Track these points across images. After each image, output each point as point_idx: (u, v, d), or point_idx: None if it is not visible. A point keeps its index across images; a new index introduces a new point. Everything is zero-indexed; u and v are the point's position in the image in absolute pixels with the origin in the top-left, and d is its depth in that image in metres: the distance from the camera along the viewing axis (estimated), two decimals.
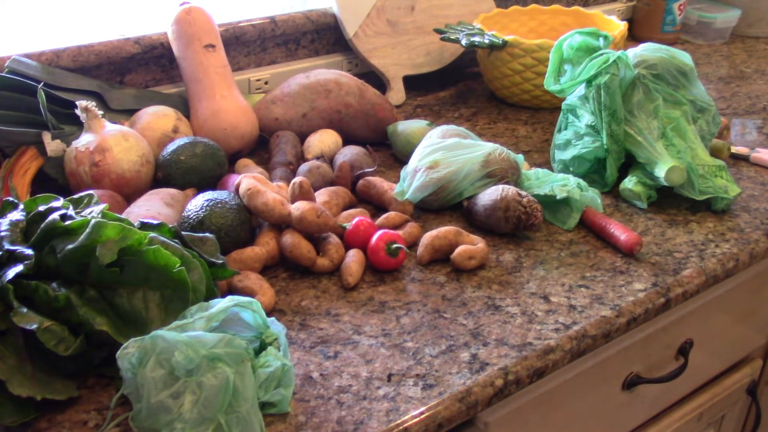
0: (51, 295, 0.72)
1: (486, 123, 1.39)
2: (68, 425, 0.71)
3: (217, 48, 1.19)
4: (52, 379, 0.72)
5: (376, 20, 1.45)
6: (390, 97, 1.44)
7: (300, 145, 1.20)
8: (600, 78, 1.09)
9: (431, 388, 0.76)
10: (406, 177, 1.07)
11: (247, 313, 0.74)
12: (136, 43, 1.23)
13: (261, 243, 0.94)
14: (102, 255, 0.73)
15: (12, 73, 1.09)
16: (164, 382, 0.66)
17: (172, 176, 1.05)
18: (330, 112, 1.24)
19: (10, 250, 0.74)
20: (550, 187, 1.05)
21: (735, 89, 1.59)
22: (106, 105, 1.17)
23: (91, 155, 1.01)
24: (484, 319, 0.87)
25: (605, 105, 1.09)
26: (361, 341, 0.83)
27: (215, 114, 1.17)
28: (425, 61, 1.51)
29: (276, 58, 1.42)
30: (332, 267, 0.94)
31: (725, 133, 1.32)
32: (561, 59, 1.16)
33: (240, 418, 0.67)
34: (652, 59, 1.13)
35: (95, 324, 0.73)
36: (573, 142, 1.15)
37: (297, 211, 0.93)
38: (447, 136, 1.11)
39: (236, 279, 0.88)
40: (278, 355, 0.73)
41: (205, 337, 0.68)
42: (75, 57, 1.18)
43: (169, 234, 0.81)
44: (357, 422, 0.72)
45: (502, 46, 1.38)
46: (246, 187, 0.95)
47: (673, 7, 1.79)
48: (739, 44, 1.88)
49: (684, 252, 1.01)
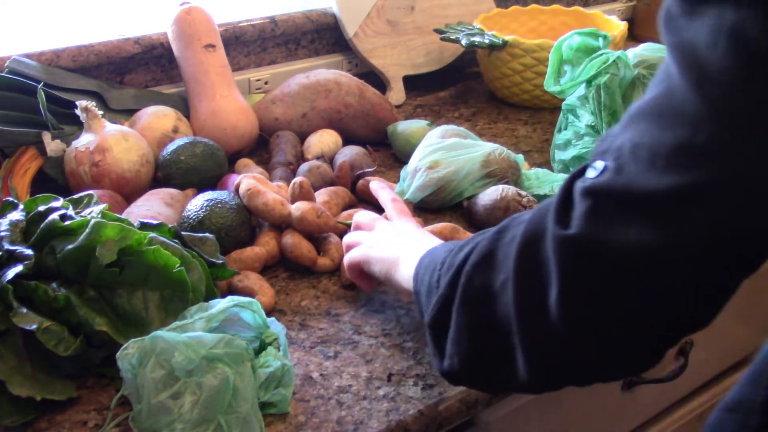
0: (51, 296, 0.72)
1: (486, 123, 1.39)
2: (68, 425, 0.71)
3: (217, 48, 1.19)
4: (51, 379, 0.72)
5: (376, 20, 1.45)
6: (390, 97, 1.43)
7: (300, 145, 1.20)
8: (600, 78, 1.09)
9: (431, 388, 0.76)
10: (406, 177, 1.07)
11: (247, 313, 0.74)
12: (136, 43, 1.23)
13: (261, 243, 0.94)
14: (102, 255, 0.73)
15: (12, 73, 1.09)
16: (164, 383, 0.66)
17: (172, 176, 1.05)
18: (330, 112, 1.24)
19: (10, 250, 0.74)
20: (550, 187, 1.05)
21: None
22: (106, 105, 1.17)
23: (91, 155, 1.01)
24: None
25: (605, 105, 1.09)
26: (361, 341, 0.83)
27: (215, 114, 1.17)
28: (425, 61, 1.51)
29: (276, 58, 1.42)
30: (333, 267, 0.94)
31: None
32: (560, 60, 1.16)
33: (240, 418, 0.67)
34: (652, 59, 1.13)
35: (95, 324, 0.73)
36: (573, 142, 1.15)
37: (297, 211, 0.93)
38: (447, 136, 1.11)
39: (236, 279, 0.88)
40: (278, 355, 0.73)
41: (205, 337, 0.68)
42: (75, 57, 1.18)
43: (169, 234, 0.81)
44: (357, 422, 0.72)
45: (502, 46, 1.38)
46: (246, 187, 0.95)
47: None
48: None
49: None
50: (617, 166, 0.47)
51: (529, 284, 0.51)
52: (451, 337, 0.58)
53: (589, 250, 0.47)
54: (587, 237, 0.47)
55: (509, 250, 0.54)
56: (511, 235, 0.55)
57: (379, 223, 0.87)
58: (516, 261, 0.52)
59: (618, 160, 0.47)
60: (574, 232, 0.48)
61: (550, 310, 0.49)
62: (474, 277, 0.56)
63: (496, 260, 0.55)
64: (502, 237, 0.56)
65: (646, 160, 0.46)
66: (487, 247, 0.56)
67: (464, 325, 0.57)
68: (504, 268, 0.53)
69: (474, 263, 0.57)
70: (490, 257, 0.55)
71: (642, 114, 0.48)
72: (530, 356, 0.52)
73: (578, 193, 0.49)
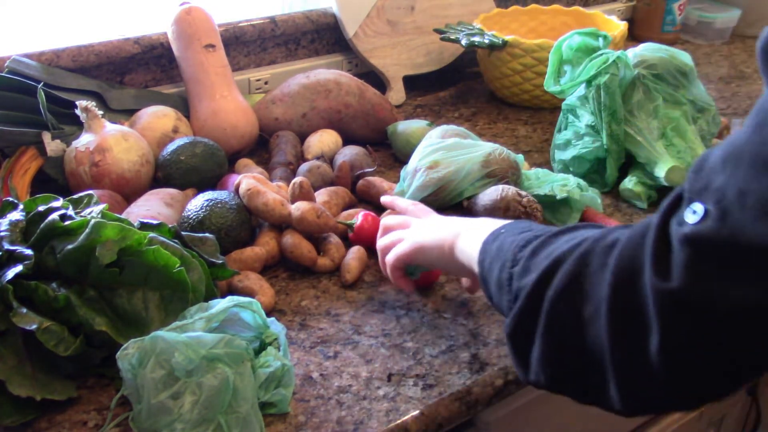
0: (51, 296, 0.72)
1: (486, 123, 1.39)
2: (68, 425, 0.71)
3: (217, 48, 1.19)
4: (51, 379, 0.72)
5: (376, 20, 1.45)
6: (390, 97, 1.43)
7: (300, 145, 1.20)
8: (600, 78, 1.09)
9: (431, 388, 0.76)
10: (406, 177, 1.07)
11: (247, 313, 0.74)
12: (136, 43, 1.23)
13: (261, 243, 0.94)
14: (102, 255, 0.73)
15: (12, 73, 1.09)
16: (164, 383, 0.66)
17: (172, 176, 1.05)
18: (330, 112, 1.24)
19: (10, 250, 0.74)
20: (550, 187, 1.05)
21: (735, 89, 1.59)
22: (106, 105, 1.17)
23: (91, 155, 1.01)
24: (484, 319, 0.87)
25: (605, 105, 1.09)
26: (361, 341, 0.83)
27: (215, 114, 1.17)
28: (425, 61, 1.51)
29: (276, 58, 1.42)
30: (333, 267, 0.94)
31: (725, 133, 1.31)
32: (560, 60, 1.16)
33: (240, 418, 0.67)
34: (652, 59, 1.13)
35: (95, 324, 0.73)
36: (573, 142, 1.15)
37: (297, 211, 0.93)
38: (447, 136, 1.11)
39: (236, 279, 0.88)
40: (278, 355, 0.73)
41: (205, 337, 0.68)
42: (75, 57, 1.18)
43: (169, 234, 0.81)
44: (357, 422, 0.72)
45: (502, 46, 1.38)
46: (246, 187, 0.95)
47: (673, 7, 1.79)
48: (739, 44, 1.88)
49: None
50: (721, 212, 0.44)
51: (625, 325, 0.50)
52: (537, 356, 0.57)
53: (693, 306, 0.45)
54: (690, 291, 0.45)
55: (599, 282, 0.52)
56: (599, 263, 0.53)
57: (414, 219, 0.86)
58: (610, 299, 0.50)
59: (720, 204, 0.44)
60: (676, 285, 0.46)
61: (650, 355, 0.48)
62: (559, 304, 0.55)
63: (583, 289, 0.53)
64: (588, 263, 0.54)
65: (757, 209, 0.42)
66: (572, 273, 0.55)
67: (551, 349, 0.56)
68: (594, 299, 0.52)
69: (558, 290, 0.55)
70: (577, 285, 0.54)
71: (742, 158, 0.44)
72: (625, 390, 0.52)
73: (677, 238, 0.46)
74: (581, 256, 0.55)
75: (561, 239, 0.59)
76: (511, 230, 0.68)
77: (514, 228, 0.67)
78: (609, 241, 0.54)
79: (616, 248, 0.52)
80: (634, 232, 0.52)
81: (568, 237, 0.59)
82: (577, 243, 0.56)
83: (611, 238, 0.54)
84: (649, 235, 0.49)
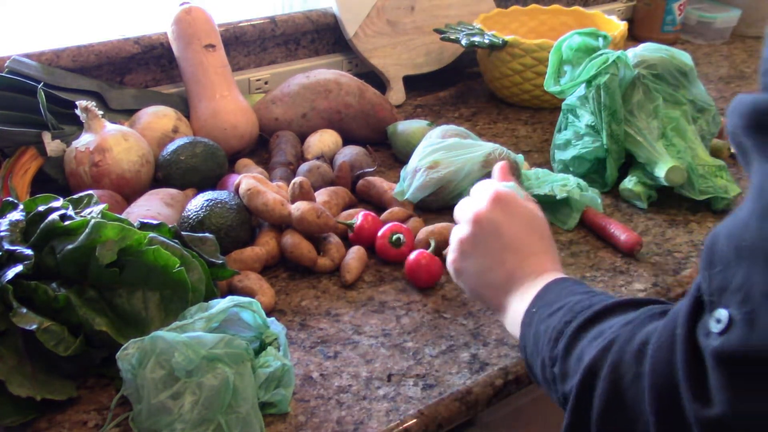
0: (50, 296, 0.72)
1: (486, 123, 1.39)
2: (68, 425, 0.71)
3: (217, 48, 1.19)
4: (51, 379, 0.72)
5: (376, 20, 1.45)
6: (390, 97, 1.43)
7: (300, 145, 1.20)
8: (600, 78, 1.09)
9: (431, 388, 0.76)
10: (406, 177, 1.07)
11: (247, 313, 0.74)
12: (136, 43, 1.23)
13: (261, 243, 0.94)
14: (102, 255, 0.73)
15: (12, 73, 1.09)
16: (164, 383, 0.66)
17: (172, 176, 1.05)
18: (330, 112, 1.24)
19: (10, 250, 0.74)
20: (550, 187, 1.05)
21: (735, 89, 1.59)
22: (106, 105, 1.17)
23: (91, 155, 1.01)
24: (484, 319, 0.87)
25: (605, 105, 1.09)
26: (361, 341, 0.83)
27: (215, 114, 1.17)
28: (425, 61, 1.51)
29: (276, 58, 1.42)
30: (333, 267, 0.94)
31: (725, 132, 1.32)
32: (560, 60, 1.16)
33: (240, 418, 0.67)
34: (652, 59, 1.13)
35: (95, 324, 0.73)
36: (573, 142, 1.15)
37: (297, 211, 0.93)
38: (447, 136, 1.11)
39: (236, 279, 0.88)
40: (278, 355, 0.73)
41: (205, 337, 0.68)
42: (75, 57, 1.18)
43: (169, 234, 0.81)
44: (357, 422, 0.72)
45: (502, 46, 1.38)
46: (246, 187, 0.95)
47: (673, 7, 1.79)
48: (739, 44, 1.88)
49: (684, 252, 1.01)
50: (747, 318, 0.41)
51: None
52: None
53: (738, 427, 0.43)
54: (734, 416, 0.43)
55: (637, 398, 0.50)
56: (632, 375, 0.51)
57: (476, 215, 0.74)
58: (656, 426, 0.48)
59: (745, 308, 0.42)
60: (720, 411, 0.43)
61: None
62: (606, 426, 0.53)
63: (626, 407, 0.51)
64: (621, 375, 0.52)
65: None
66: (608, 392, 0.53)
67: None
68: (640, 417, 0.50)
69: (601, 411, 0.53)
70: (618, 403, 0.52)
71: (756, 254, 0.42)
72: None
73: (708, 354, 0.44)
74: (613, 368, 0.53)
75: (588, 335, 0.57)
76: (542, 309, 0.65)
77: (545, 307, 0.64)
78: (636, 346, 0.52)
79: (647, 359, 0.50)
80: (661, 338, 0.49)
81: (595, 332, 0.57)
82: (604, 347, 0.54)
83: (638, 340, 0.52)
84: (678, 349, 0.47)
